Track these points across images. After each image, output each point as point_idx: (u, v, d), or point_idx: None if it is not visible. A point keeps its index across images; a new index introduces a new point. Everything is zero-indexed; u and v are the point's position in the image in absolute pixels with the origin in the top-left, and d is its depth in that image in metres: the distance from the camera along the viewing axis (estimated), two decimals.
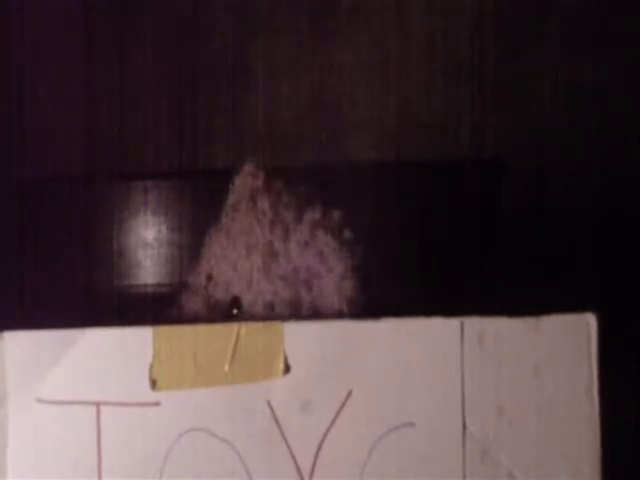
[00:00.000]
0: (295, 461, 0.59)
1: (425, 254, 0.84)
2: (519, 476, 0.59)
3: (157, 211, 0.95)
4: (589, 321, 0.59)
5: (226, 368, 0.59)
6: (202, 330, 0.60)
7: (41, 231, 0.93)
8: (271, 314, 0.68)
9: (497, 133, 0.92)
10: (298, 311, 0.68)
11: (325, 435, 0.59)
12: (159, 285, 0.94)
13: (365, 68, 0.95)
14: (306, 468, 0.59)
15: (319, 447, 0.59)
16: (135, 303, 0.93)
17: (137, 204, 0.95)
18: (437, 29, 0.94)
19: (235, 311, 0.69)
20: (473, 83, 0.93)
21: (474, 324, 0.60)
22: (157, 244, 0.95)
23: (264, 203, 0.72)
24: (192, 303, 0.72)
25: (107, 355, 0.61)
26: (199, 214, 0.83)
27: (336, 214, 0.81)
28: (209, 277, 0.72)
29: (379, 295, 0.75)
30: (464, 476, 0.59)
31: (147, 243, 0.95)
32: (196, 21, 0.96)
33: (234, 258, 0.70)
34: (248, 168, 0.74)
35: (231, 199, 0.73)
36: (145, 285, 0.94)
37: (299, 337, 0.60)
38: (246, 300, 0.69)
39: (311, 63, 0.95)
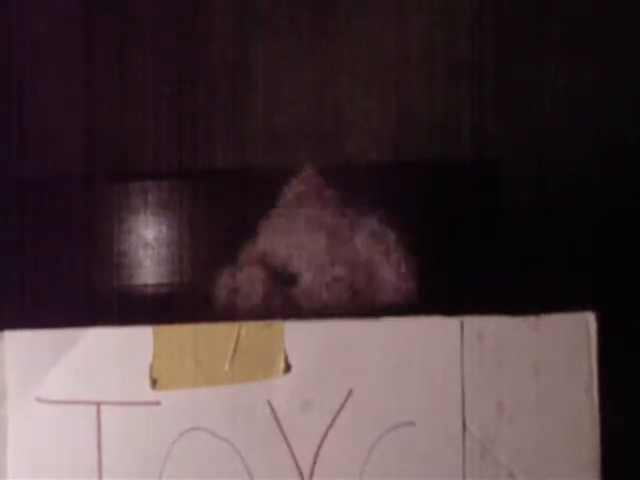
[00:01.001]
0: (295, 460, 0.59)
1: (425, 254, 0.84)
2: (519, 475, 0.59)
3: (157, 211, 0.95)
4: (589, 320, 0.59)
5: (226, 367, 0.59)
6: (202, 329, 0.60)
7: (41, 231, 0.93)
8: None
9: (497, 133, 0.93)
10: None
11: (325, 434, 0.59)
12: (159, 285, 0.94)
13: (365, 68, 0.95)
14: (306, 467, 0.59)
15: (319, 446, 0.59)
16: (135, 303, 0.93)
17: (137, 204, 0.95)
18: (437, 29, 0.94)
19: (290, 288, 0.69)
20: (473, 83, 0.93)
21: (474, 324, 0.60)
22: (157, 244, 0.95)
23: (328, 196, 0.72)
24: (249, 275, 0.71)
25: (107, 354, 0.60)
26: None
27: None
28: (265, 252, 0.71)
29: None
30: (464, 475, 0.59)
31: (147, 243, 0.95)
32: (196, 21, 0.96)
33: (296, 238, 0.70)
34: (308, 170, 0.74)
35: (291, 193, 0.73)
36: (145, 285, 0.94)
37: (299, 336, 0.60)
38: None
39: (311, 63, 0.95)
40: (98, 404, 0.60)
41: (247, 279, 0.71)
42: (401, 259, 0.70)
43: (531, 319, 0.59)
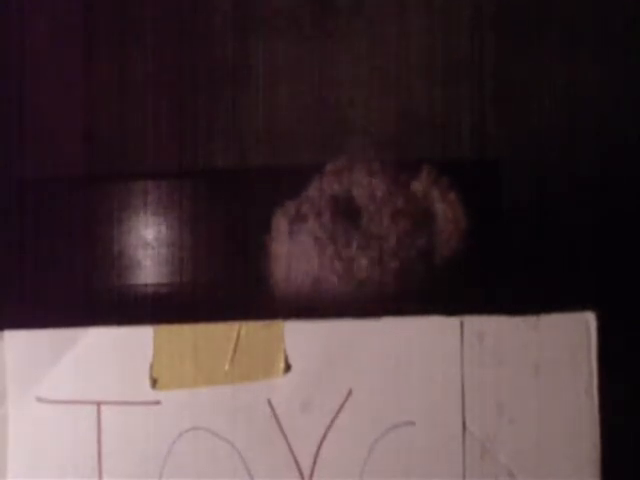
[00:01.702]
0: (296, 460, 0.59)
1: None
2: (518, 475, 0.59)
3: (157, 211, 0.95)
4: (589, 320, 0.59)
5: (226, 367, 0.59)
6: (202, 329, 0.60)
7: (41, 231, 0.93)
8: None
9: (497, 133, 0.93)
10: None
11: (325, 434, 0.59)
12: (159, 285, 0.94)
13: (365, 68, 0.95)
14: (306, 467, 0.59)
15: (319, 446, 0.59)
16: (135, 303, 0.93)
17: (137, 204, 0.95)
18: (437, 29, 0.94)
19: (355, 220, 0.70)
20: (473, 83, 0.93)
21: (474, 323, 0.59)
22: (157, 244, 0.95)
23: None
24: (316, 204, 0.71)
25: (107, 354, 0.60)
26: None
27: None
28: (324, 190, 0.73)
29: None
30: (464, 475, 0.59)
31: (147, 243, 0.95)
32: (196, 21, 0.96)
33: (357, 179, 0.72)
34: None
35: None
36: (145, 285, 0.94)
37: (300, 336, 0.60)
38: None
39: (311, 63, 0.95)
40: (98, 404, 0.60)
41: (314, 207, 0.71)
42: (455, 199, 0.72)
43: (531, 319, 0.59)
